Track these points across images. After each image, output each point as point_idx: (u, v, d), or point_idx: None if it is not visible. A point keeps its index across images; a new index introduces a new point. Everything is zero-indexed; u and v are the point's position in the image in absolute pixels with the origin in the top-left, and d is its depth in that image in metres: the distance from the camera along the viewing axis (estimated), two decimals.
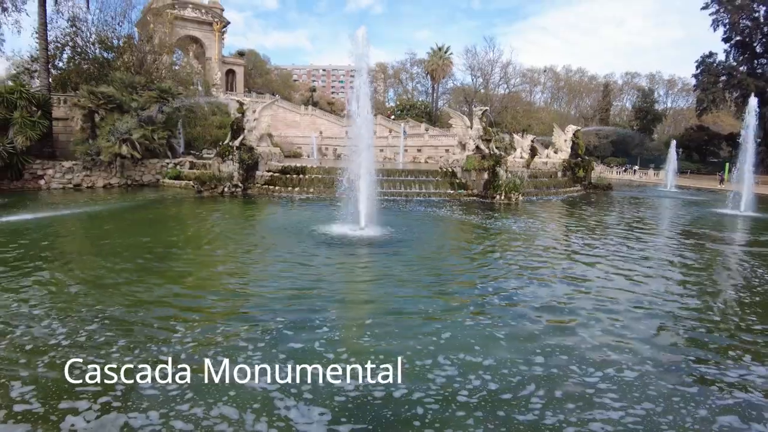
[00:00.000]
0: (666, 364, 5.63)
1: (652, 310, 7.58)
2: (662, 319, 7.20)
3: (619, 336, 6.41)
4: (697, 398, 4.87)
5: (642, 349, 5.99)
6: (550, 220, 18.28)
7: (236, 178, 24.19)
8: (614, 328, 6.72)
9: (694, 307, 7.83)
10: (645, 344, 6.17)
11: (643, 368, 5.44)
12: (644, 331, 6.66)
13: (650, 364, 5.55)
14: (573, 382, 5.08)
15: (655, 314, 7.38)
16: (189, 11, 69.44)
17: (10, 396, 4.62)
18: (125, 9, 38.17)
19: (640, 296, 8.27)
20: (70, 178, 26.89)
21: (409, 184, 24.14)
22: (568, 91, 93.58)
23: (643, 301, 8.01)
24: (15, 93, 25.99)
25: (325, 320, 6.62)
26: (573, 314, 7.20)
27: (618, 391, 4.91)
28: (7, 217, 16.01)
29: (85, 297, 7.58)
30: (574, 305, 7.62)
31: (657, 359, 5.72)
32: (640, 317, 7.20)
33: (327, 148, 59.17)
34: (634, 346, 6.07)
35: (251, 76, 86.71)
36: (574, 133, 34.93)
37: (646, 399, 4.79)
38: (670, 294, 8.53)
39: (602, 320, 6.97)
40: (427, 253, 11.35)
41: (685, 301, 8.18)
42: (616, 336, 6.41)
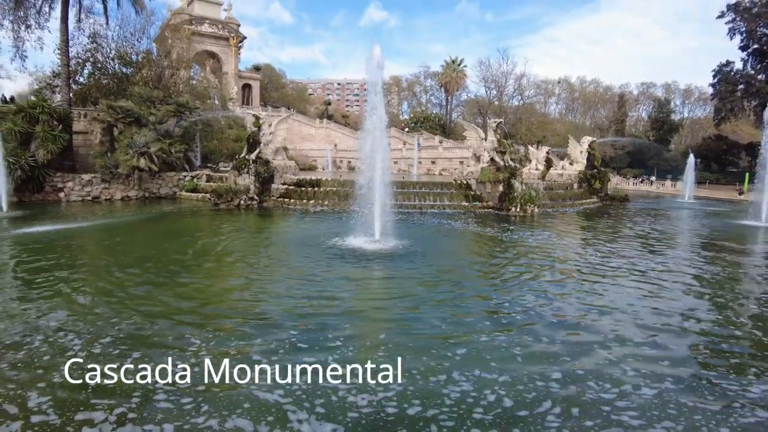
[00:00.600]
0: (686, 380, 5.52)
1: (670, 325, 7.44)
2: (682, 334, 7.07)
3: (637, 351, 6.30)
4: (719, 416, 4.75)
5: (661, 365, 5.88)
6: (567, 232, 18.07)
7: (252, 190, 24.42)
8: (632, 343, 6.60)
9: (715, 322, 7.67)
10: (664, 360, 6.06)
11: (663, 385, 5.33)
12: (663, 346, 6.53)
13: (670, 381, 5.44)
14: (590, 398, 5.00)
15: (674, 329, 7.24)
16: (206, 27, 70.73)
17: (28, 406, 4.70)
18: (144, 25, 38.96)
19: (659, 311, 8.12)
20: (89, 190, 27.44)
21: (424, 196, 24.13)
22: (582, 102, 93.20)
23: (661, 315, 7.86)
24: (37, 107, 26.71)
25: (338, 334, 6.62)
26: (590, 329, 7.11)
27: (637, 409, 4.82)
28: (28, 229, 16.43)
29: (101, 309, 7.68)
30: (591, 320, 7.51)
31: (677, 375, 5.61)
32: (659, 332, 7.06)
33: (341, 161, 59.56)
34: (653, 362, 5.96)
35: (267, 90, 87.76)
36: (589, 144, 34.68)
37: (666, 417, 4.70)
38: (690, 308, 8.36)
39: (620, 335, 6.86)
40: (441, 267, 11.26)
41: (706, 315, 8.02)
42: (634, 351, 6.29)
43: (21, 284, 9.29)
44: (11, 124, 25.30)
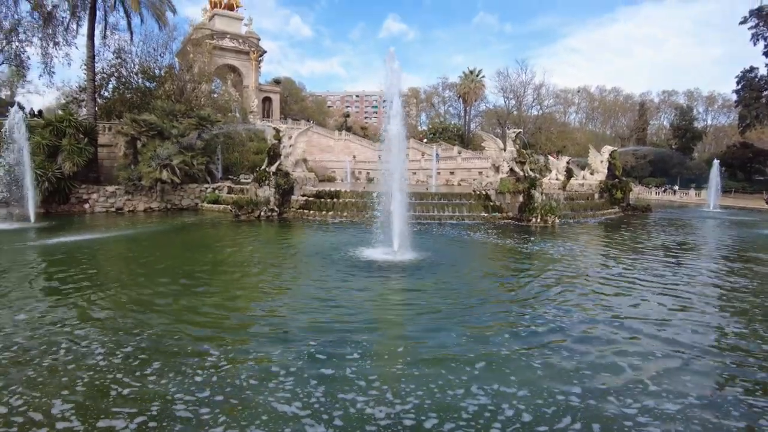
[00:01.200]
0: (710, 396, 5.38)
1: (695, 338, 7.26)
2: (707, 348, 6.89)
3: (659, 366, 6.17)
4: None
5: (684, 380, 5.74)
6: (589, 243, 17.82)
7: (272, 202, 24.66)
8: (654, 357, 6.47)
9: (742, 336, 7.46)
10: (687, 374, 5.92)
11: (686, 400, 5.21)
12: (687, 360, 6.38)
13: (693, 396, 5.31)
14: (611, 413, 4.91)
15: (699, 343, 7.07)
16: (227, 41, 72.09)
17: (52, 413, 4.81)
18: (167, 40, 39.84)
19: (683, 324, 7.94)
20: (113, 202, 28.04)
21: (443, 207, 24.07)
22: (602, 111, 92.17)
23: (686, 329, 7.69)
24: (64, 121, 27.48)
25: (356, 346, 6.63)
26: (612, 343, 6.98)
27: (659, 425, 4.71)
28: (54, 239, 16.86)
29: (123, 318, 7.83)
30: (612, 333, 7.38)
31: (700, 391, 5.47)
32: (683, 346, 6.90)
33: (360, 172, 59.79)
34: (676, 377, 5.83)
35: (287, 102, 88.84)
36: (610, 153, 34.26)
37: None
38: (716, 322, 8.16)
39: (642, 349, 6.73)
40: (461, 279, 11.21)
41: (732, 329, 7.80)
42: (657, 366, 6.17)
43: (47, 293, 9.50)
44: (39, 137, 26.04)
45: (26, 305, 8.60)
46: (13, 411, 4.86)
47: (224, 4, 77.43)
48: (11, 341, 6.76)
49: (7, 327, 7.36)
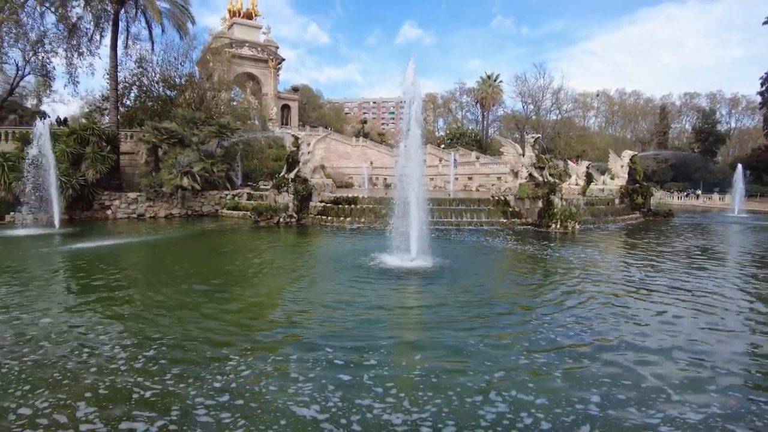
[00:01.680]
0: (734, 406, 5.25)
1: (719, 347, 7.10)
2: (731, 357, 6.73)
3: (682, 374, 6.05)
4: None
5: (707, 390, 5.62)
6: (610, 249, 17.57)
7: (291, 208, 24.85)
8: (677, 366, 6.34)
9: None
10: (711, 384, 5.79)
11: (709, 410, 5.10)
12: (710, 369, 6.23)
13: (717, 406, 5.19)
14: (632, 424, 4.82)
15: (723, 352, 6.91)
16: (246, 50, 73.12)
17: (76, 416, 4.90)
18: (187, 50, 40.62)
19: (707, 332, 7.77)
20: (135, 208, 28.56)
21: (461, 213, 23.99)
22: (622, 115, 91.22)
23: (709, 337, 7.52)
24: (88, 130, 28.14)
25: (374, 352, 6.63)
26: (632, 351, 6.86)
27: None
28: (78, 245, 17.24)
29: (144, 323, 7.95)
30: (634, 341, 7.25)
31: (724, 401, 5.34)
32: (706, 355, 6.75)
33: (377, 178, 59.95)
34: (699, 386, 5.70)
35: (305, 110, 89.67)
36: (630, 158, 33.81)
37: None
38: (740, 330, 7.98)
39: (664, 357, 6.61)
40: (480, 285, 11.12)
41: (758, 337, 7.61)
42: (679, 374, 6.05)
43: (71, 298, 9.71)
44: (64, 145, 26.68)
45: (51, 309, 8.80)
46: (38, 413, 4.96)
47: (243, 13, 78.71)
48: (37, 344, 6.91)
49: (32, 330, 7.53)
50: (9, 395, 5.35)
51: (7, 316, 8.31)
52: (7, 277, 11.66)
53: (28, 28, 35.59)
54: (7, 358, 6.41)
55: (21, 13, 34.04)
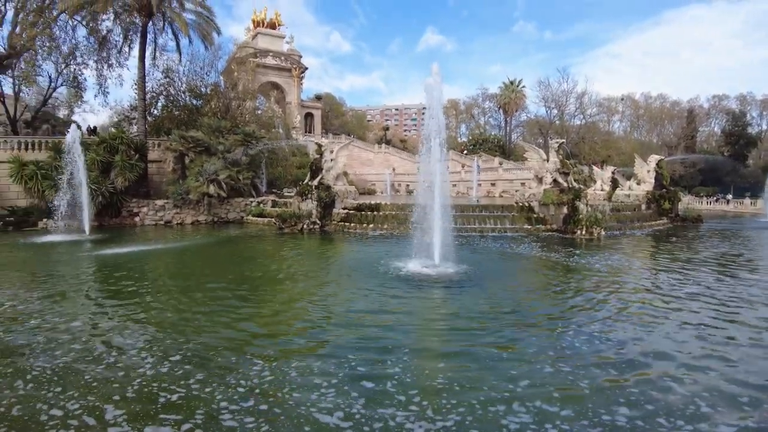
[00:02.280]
0: None
1: (752, 359, 6.86)
2: (764, 367, 6.52)
3: (713, 385, 5.87)
4: None
5: (740, 403, 5.43)
6: (637, 256, 17.16)
7: (315, 215, 25.04)
8: (708, 377, 6.15)
9: None
10: (743, 397, 5.58)
11: (742, 423, 4.94)
12: (743, 381, 6.02)
13: (752, 420, 5.02)
14: None
15: (756, 363, 6.68)
16: (270, 59, 74.18)
17: (105, 418, 5.02)
18: (212, 60, 41.39)
19: (739, 343, 7.52)
20: (162, 215, 29.15)
21: (484, 219, 23.81)
22: (648, 119, 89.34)
23: (741, 348, 7.28)
24: (117, 139, 28.95)
25: (397, 360, 6.61)
26: (662, 361, 6.69)
27: None
28: (107, 251, 17.70)
29: (170, 328, 8.10)
30: (663, 351, 7.07)
31: (759, 415, 5.16)
32: (738, 366, 6.53)
33: (400, 185, 59.99)
34: (731, 399, 5.51)
35: (328, 118, 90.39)
36: (657, 162, 33.14)
37: None
38: None
39: (694, 368, 6.41)
40: (504, 293, 10.97)
41: None
42: (711, 385, 5.87)
43: (100, 303, 9.92)
44: (94, 154, 27.45)
45: (81, 313, 9.03)
46: (69, 414, 5.10)
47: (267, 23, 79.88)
48: (68, 347, 7.10)
49: (64, 334, 7.73)
50: (42, 396, 5.51)
51: (40, 320, 8.55)
52: (40, 281, 12.04)
53: (61, 42, 36.83)
54: (39, 361, 6.61)
55: (54, 27, 35.22)
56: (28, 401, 5.40)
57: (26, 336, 7.69)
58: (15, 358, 6.72)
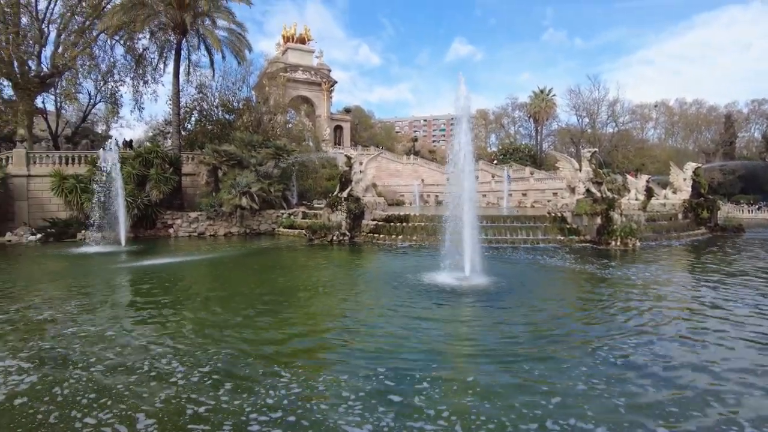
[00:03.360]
0: None
1: None
2: None
3: (757, 404, 5.57)
4: None
5: None
6: (675, 268, 16.59)
7: (344, 226, 25.14)
8: (750, 395, 5.84)
9: None
10: None
11: None
12: None
13: None
14: None
15: None
16: (300, 74, 75.48)
17: (137, 428, 5.09)
18: (244, 75, 42.42)
19: None
20: (195, 227, 29.74)
21: (515, 230, 23.44)
22: (683, 126, 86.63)
23: None
24: (152, 153, 29.78)
25: (425, 374, 6.50)
26: (702, 378, 6.40)
27: None
28: (143, 262, 18.11)
29: (201, 338, 8.20)
30: (703, 368, 6.77)
31: None
32: None
33: (429, 196, 59.78)
34: None
35: (357, 130, 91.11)
36: (693, 170, 32.13)
37: None
38: None
39: (737, 386, 6.11)
40: (536, 306, 10.67)
41: None
42: (754, 405, 5.57)
43: (134, 312, 10.14)
44: (130, 168, 28.28)
45: (116, 323, 9.24)
46: (102, 423, 5.19)
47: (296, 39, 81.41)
48: (103, 356, 7.26)
49: (99, 343, 7.91)
50: (77, 403, 5.65)
51: (77, 329, 8.79)
52: (77, 291, 12.39)
53: (100, 60, 38.53)
54: (77, 368, 6.79)
55: (94, 47, 36.71)
56: (64, 408, 5.54)
57: (64, 344, 7.90)
58: (53, 366, 6.91)
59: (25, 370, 6.77)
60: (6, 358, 7.27)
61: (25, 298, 11.60)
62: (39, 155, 30.33)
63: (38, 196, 29.14)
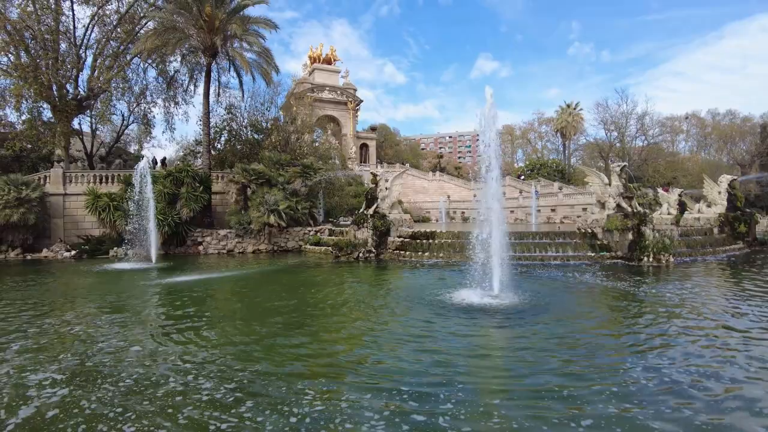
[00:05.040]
0: None
1: None
2: None
3: None
4: None
5: None
6: (711, 285, 15.91)
7: (370, 243, 25.14)
8: None
9: None
10: None
11: None
12: None
13: None
14: None
15: None
16: (326, 93, 76.65)
17: None
18: (272, 96, 43.23)
19: None
20: (225, 244, 30.21)
21: (545, 246, 23.03)
22: (716, 137, 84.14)
23: None
24: (183, 172, 30.44)
25: (450, 394, 6.35)
26: (739, 403, 6.08)
27: None
28: (172, 278, 18.39)
29: (228, 354, 8.26)
30: (741, 393, 6.43)
31: None
32: None
33: (455, 212, 59.38)
34: None
35: (382, 147, 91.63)
36: (729, 183, 31.11)
37: None
38: None
39: None
40: (567, 325, 10.35)
41: None
42: None
43: (163, 328, 10.27)
44: (161, 186, 28.97)
45: (144, 338, 9.40)
46: None
47: (323, 59, 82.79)
48: (131, 370, 7.36)
49: (128, 357, 8.04)
50: (104, 417, 5.75)
51: (106, 343, 8.97)
52: (109, 307, 12.66)
53: (133, 83, 39.83)
54: (106, 382, 6.92)
55: (127, 71, 38.03)
56: (91, 421, 5.63)
57: (94, 358, 8.05)
58: (84, 380, 7.04)
59: (58, 382, 6.94)
60: (39, 371, 7.45)
61: (58, 313, 11.91)
62: (74, 174, 31.49)
63: (73, 213, 30.21)
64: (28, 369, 7.57)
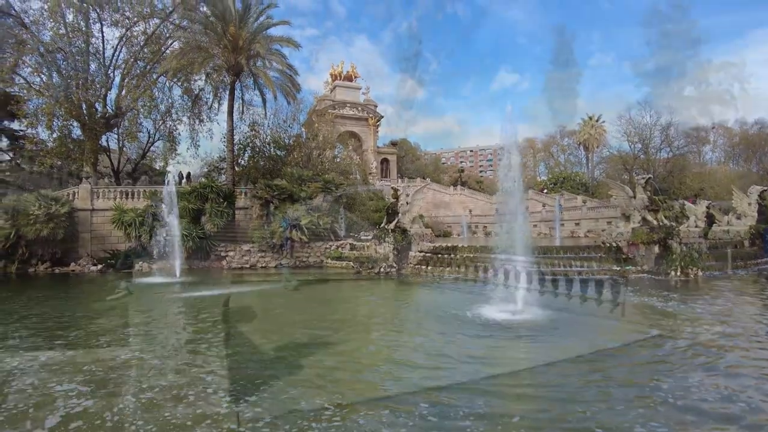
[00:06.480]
0: None
1: None
2: None
3: None
4: None
5: None
6: (744, 300, 15.30)
7: (391, 258, 25.09)
8: None
9: None
10: None
11: None
12: None
13: None
14: None
15: None
16: (347, 110, 77.55)
17: None
18: (294, 113, 43.91)
19: None
20: (248, 258, 30.46)
21: (569, 261, 22.63)
22: (745, 147, 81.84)
23: None
24: (207, 188, 30.99)
25: (470, 411, 6.23)
26: None
27: None
28: (196, 293, 18.59)
29: (250, 368, 8.32)
30: None
31: None
32: None
33: (477, 226, 59.01)
34: None
35: (403, 162, 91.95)
36: (759, 194, 30.23)
37: None
38: None
39: None
40: (593, 342, 10.04)
41: None
42: None
43: (187, 342, 10.38)
44: (186, 202, 29.45)
45: (168, 351, 9.52)
46: None
47: (344, 76, 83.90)
48: (154, 383, 7.44)
49: (151, 370, 8.15)
50: (125, 430, 5.81)
51: (130, 355, 9.13)
52: (134, 320, 12.85)
53: (159, 101, 40.81)
54: (129, 394, 7.01)
55: (153, 89, 39.01)
56: None
57: (119, 371, 8.16)
58: (108, 391, 7.14)
59: (83, 393, 7.05)
60: (65, 381, 7.57)
61: (84, 325, 12.14)
62: (102, 190, 32.30)
63: (100, 228, 30.91)
64: (54, 380, 7.68)
